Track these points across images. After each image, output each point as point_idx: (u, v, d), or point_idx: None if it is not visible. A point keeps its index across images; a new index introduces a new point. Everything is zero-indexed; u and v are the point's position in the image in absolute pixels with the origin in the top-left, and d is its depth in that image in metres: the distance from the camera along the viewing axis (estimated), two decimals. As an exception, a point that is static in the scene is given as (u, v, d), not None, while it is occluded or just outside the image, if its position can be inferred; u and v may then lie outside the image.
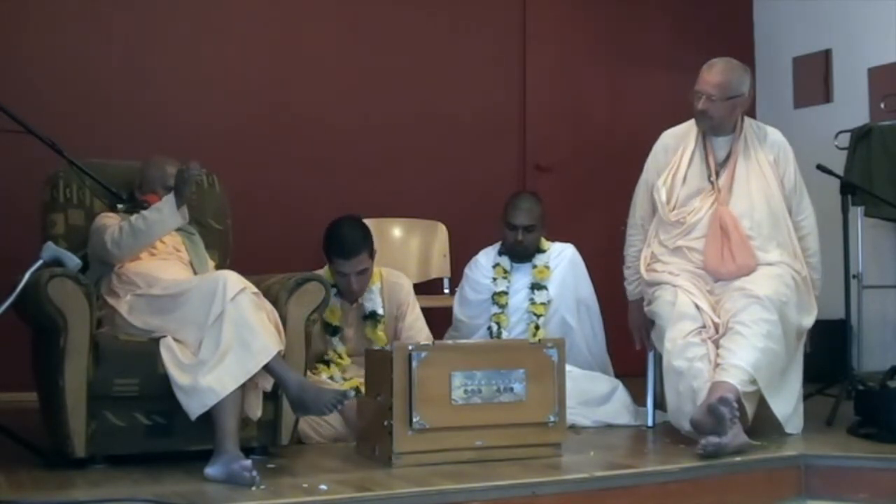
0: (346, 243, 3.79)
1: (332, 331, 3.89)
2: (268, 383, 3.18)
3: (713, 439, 3.25)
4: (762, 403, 3.57)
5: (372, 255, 3.86)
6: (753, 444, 3.40)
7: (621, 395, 4.08)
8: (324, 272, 3.84)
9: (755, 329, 3.53)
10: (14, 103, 3.36)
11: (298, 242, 4.74)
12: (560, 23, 5.97)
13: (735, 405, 3.30)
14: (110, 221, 3.45)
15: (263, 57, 5.19)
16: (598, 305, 4.36)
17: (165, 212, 3.32)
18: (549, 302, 4.25)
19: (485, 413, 3.23)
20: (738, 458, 3.29)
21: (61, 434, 3.06)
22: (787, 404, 3.65)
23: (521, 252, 4.29)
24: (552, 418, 3.31)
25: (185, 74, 5.02)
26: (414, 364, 3.16)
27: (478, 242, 4.50)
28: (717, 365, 3.51)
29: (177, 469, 3.06)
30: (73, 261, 2.97)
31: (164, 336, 3.14)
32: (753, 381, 3.47)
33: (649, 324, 3.90)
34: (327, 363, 3.86)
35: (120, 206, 3.59)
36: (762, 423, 3.60)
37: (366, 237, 3.85)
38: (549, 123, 5.88)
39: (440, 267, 5.38)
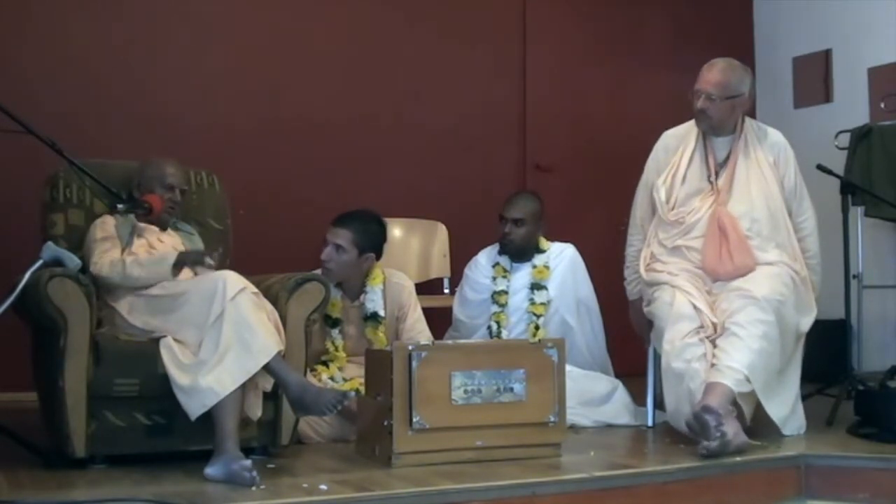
0: (343, 214, 3.90)
1: (333, 323, 3.90)
2: (268, 383, 3.18)
3: (712, 444, 3.25)
4: (760, 404, 3.57)
5: (360, 245, 3.85)
6: (753, 444, 3.40)
7: (621, 395, 4.08)
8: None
9: (751, 330, 3.52)
10: (14, 103, 3.36)
11: (298, 242, 4.72)
12: (560, 23, 5.97)
13: (720, 413, 3.28)
14: (107, 244, 3.38)
15: (264, 57, 5.18)
16: (597, 305, 4.37)
17: (162, 274, 3.26)
18: (549, 302, 4.25)
19: (485, 413, 3.23)
20: (738, 458, 3.29)
21: (61, 434, 3.06)
22: (783, 406, 3.64)
23: (511, 247, 4.28)
24: (552, 418, 3.31)
25: (186, 74, 5.02)
26: (414, 364, 3.15)
27: (478, 242, 4.50)
28: (712, 365, 3.51)
29: (177, 469, 3.06)
30: (73, 261, 2.97)
31: (164, 336, 3.14)
32: (749, 382, 3.47)
33: (649, 324, 3.90)
34: (327, 364, 3.86)
35: (120, 206, 3.57)
36: (762, 424, 3.60)
37: (361, 226, 3.86)
38: (549, 123, 5.88)
39: (440, 267, 5.37)
